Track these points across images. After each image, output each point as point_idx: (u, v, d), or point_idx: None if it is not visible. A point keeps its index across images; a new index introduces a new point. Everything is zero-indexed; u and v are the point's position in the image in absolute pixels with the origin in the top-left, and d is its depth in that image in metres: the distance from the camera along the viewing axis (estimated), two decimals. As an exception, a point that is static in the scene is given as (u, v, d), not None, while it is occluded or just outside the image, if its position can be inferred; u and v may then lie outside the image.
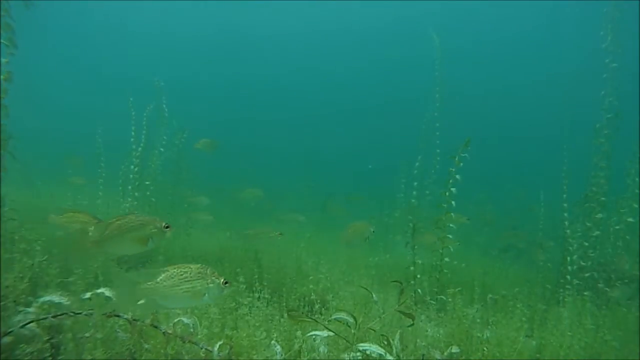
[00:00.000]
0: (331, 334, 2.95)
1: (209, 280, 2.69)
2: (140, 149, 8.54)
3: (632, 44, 16.39)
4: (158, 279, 2.54)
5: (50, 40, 42.09)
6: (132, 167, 8.54)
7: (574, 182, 7.25)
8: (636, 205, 6.95)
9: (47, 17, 39.22)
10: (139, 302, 2.48)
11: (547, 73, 40.97)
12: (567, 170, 7.22)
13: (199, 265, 2.78)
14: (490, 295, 5.41)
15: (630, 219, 7.05)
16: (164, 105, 8.94)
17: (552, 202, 8.12)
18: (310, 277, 5.23)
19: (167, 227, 3.08)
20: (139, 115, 8.45)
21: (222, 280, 2.73)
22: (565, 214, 7.11)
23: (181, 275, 2.64)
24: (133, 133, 8.51)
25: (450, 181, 5.62)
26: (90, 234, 2.89)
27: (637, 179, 6.98)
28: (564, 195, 7.14)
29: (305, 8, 43.38)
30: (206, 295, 2.64)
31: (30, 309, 2.63)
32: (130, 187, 8.54)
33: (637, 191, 6.95)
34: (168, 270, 2.63)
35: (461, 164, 5.52)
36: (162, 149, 8.79)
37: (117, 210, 8.45)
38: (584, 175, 7.46)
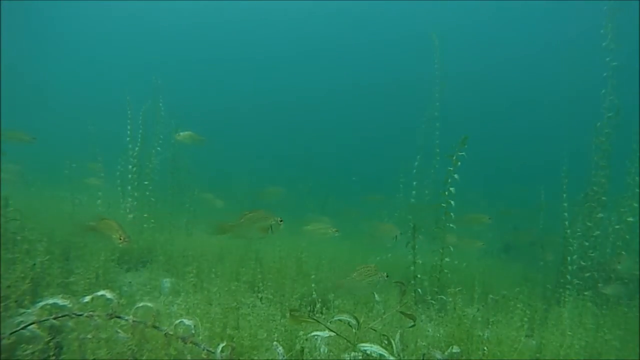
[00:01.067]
0: (332, 334, 2.95)
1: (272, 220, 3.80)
2: (137, 148, 8.54)
3: (632, 43, 16.39)
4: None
5: (49, 40, 42.04)
6: (130, 167, 8.54)
7: (574, 182, 7.26)
8: (636, 205, 6.94)
9: (48, 17, 39.18)
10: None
11: (547, 73, 40.96)
12: (568, 170, 7.22)
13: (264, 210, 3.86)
14: (490, 295, 5.42)
15: (630, 219, 7.05)
16: (160, 104, 8.93)
17: (553, 202, 8.13)
18: (312, 276, 5.24)
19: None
20: (135, 114, 8.46)
21: (279, 218, 3.84)
22: (566, 214, 7.11)
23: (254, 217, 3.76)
24: (129, 132, 8.52)
25: (449, 181, 5.62)
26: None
27: (637, 178, 6.97)
28: (564, 195, 7.15)
29: (305, 8, 43.34)
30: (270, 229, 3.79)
31: (32, 310, 2.63)
32: (129, 187, 8.54)
33: (637, 190, 6.95)
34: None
35: (459, 163, 5.52)
36: (159, 148, 8.78)
37: (117, 210, 8.46)
38: (585, 175, 7.46)
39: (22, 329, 2.60)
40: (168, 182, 9.39)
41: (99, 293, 2.79)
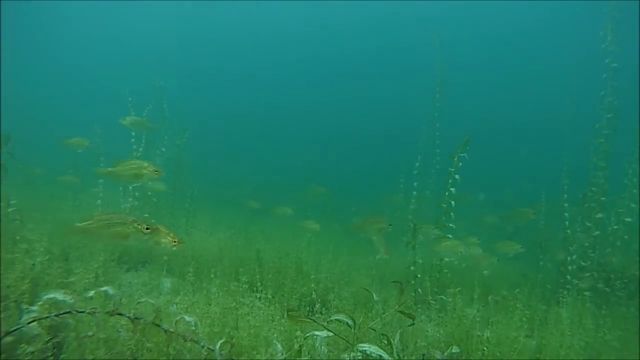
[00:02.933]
0: (331, 334, 2.95)
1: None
2: (141, 149, 8.56)
3: (632, 44, 16.39)
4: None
5: (49, 39, 42.11)
6: (132, 167, 8.55)
7: (574, 182, 7.26)
8: (634, 205, 6.96)
9: (48, 17, 39.25)
10: None
11: (547, 73, 40.97)
12: (568, 170, 7.23)
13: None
14: (490, 296, 5.42)
15: (628, 219, 7.06)
16: (165, 106, 8.96)
17: (553, 202, 8.12)
18: (312, 276, 5.24)
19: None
20: (138, 115, 8.47)
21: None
22: (566, 214, 7.12)
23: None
24: (133, 133, 8.53)
25: (450, 181, 5.63)
26: None
27: (635, 179, 6.98)
28: (565, 195, 7.15)
29: (306, 7, 43.39)
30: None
31: (34, 307, 2.63)
32: (130, 188, 8.55)
33: (634, 191, 6.96)
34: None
35: (460, 164, 5.53)
36: (164, 149, 8.80)
37: (117, 209, 8.47)
38: (584, 175, 7.47)
39: (24, 326, 2.60)
40: (170, 182, 9.40)
41: (102, 289, 2.79)
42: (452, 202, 5.67)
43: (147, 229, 3.38)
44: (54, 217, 7.00)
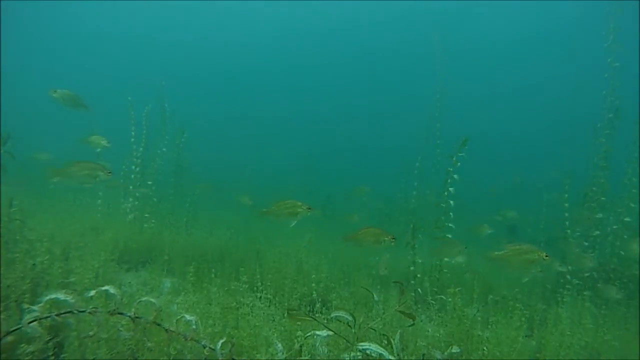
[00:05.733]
0: (331, 333, 2.95)
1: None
2: (141, 149, 8.56)
3: (632, 44, 16.38)
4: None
5: (51, 40, 42.10)
6: (133, 167, 8.56)
7: (574, 182, 7.26)
8: (633, 205, 6.96)
9: (48, 17, 39.23)
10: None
11: (547, 73, 40.96)
12: (568, 170, 7.23)
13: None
14: (490, 296, 5.42)
15: (627, 219, 7.06)
16: (166, 105, 8.97)
17: (553, 202, 8.13)
18: (313, 276, 5.24)
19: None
20: (138, 114, 8.48)
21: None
22: (566, 214, 7.12)
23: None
24: (133, 133, 8.54)
25: (449, 181, 5.63)
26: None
27: (634, 179, 6.98)
28: (565, 195, 7.15)
29: (306, 5, 43.40)
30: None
31: (35, 307, 2.63)
32: (131, 187, 8.55)
33: (634, 191, 6.96)
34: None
35: (459, 163, 5.53)
36: (164, 149, 8.80)
37: (117, 210, 8.48)
38: (585, 175, 7.48)
39: (24, 326, 2.60)
40: (170, 182, 9.41)
41: (103, 288, 2.79)
42: (451, 202, 5.68)
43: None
44: (55, 217, 7.01)
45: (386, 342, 3.14)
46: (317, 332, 3.00)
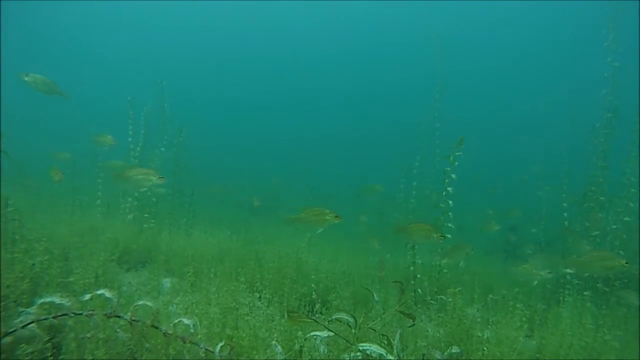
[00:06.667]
0: (331, 333, 2.95)
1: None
2: (139, 148, 8.55)
3: (632, 44, 16.39)
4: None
5: (51, 39, 42.06)
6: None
7: (574, 182, 7.26)
8: (632, 204, 6.95)
9: (49, 17, 39.19)
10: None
11: (547, 73, 40.97)
12: (567, 170, 7.22)
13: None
14: (490, 295, 5.42)
15: (626, 218, 7.05)
16: (165, 105, 8.96)
17: (552, 202, 8.12)
18: (312, 276, 5.23)
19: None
20: (137, 114, 8.48)
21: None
22: (565, 214, 7.11)
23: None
24: (131, 132, 8.53)
25: (447, 181, 5.62)
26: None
27: (633, 178, 6.97)
28: (564, 195, 7.15)
29: (306, 7, 43.39)
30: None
31: (31, 310, 2.62)
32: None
33: (633, 190, 6.95)
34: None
35: (456, 163, 5.52)
36: (163, 149, 8.79)
37: (117, 210, 8.47)
38: (584, 175, 7.47)
39: (22, 327, 2.60)
40: (170, 182, 9.39)
41: (99, 292, 2.78)
42: (450, 202, 5.66)
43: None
44: (54, 217, 7.00)
45: (386, 342, 3.13)
46: (317, 333, 2.99)
